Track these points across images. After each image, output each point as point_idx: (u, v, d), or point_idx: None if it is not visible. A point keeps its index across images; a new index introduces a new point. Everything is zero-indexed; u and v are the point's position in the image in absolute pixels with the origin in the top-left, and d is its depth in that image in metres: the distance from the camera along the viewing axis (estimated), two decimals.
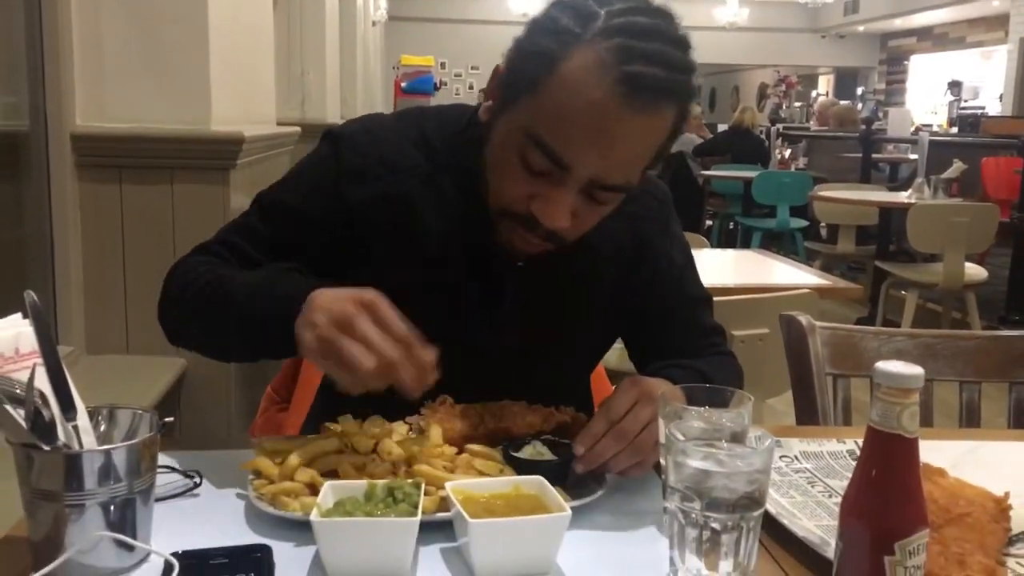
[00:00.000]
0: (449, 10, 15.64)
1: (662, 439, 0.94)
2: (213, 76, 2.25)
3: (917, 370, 0.74)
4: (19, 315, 0.86)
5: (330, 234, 1.14)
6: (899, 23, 15.31)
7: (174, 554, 0.81)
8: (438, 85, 11.29)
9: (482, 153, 1.08)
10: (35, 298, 0.86)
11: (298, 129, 3.22)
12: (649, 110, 0.95)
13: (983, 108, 12.89)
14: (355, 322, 0.88)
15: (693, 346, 1.23)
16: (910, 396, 0.72)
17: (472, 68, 15.84)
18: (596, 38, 0.95)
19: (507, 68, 1.05)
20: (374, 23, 10.59)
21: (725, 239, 7.91)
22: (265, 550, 0.84)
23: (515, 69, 1.03)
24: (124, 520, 0.82)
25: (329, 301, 0.91)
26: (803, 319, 1.44)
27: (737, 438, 0.86)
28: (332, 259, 1.14)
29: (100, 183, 2.20)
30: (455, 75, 15.92)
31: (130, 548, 0.82)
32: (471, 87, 15.83)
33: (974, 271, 4.80)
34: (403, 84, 5.63)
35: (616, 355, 3.04)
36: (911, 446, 0.72)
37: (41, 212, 2.15)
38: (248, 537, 0.89)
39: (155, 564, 0.83)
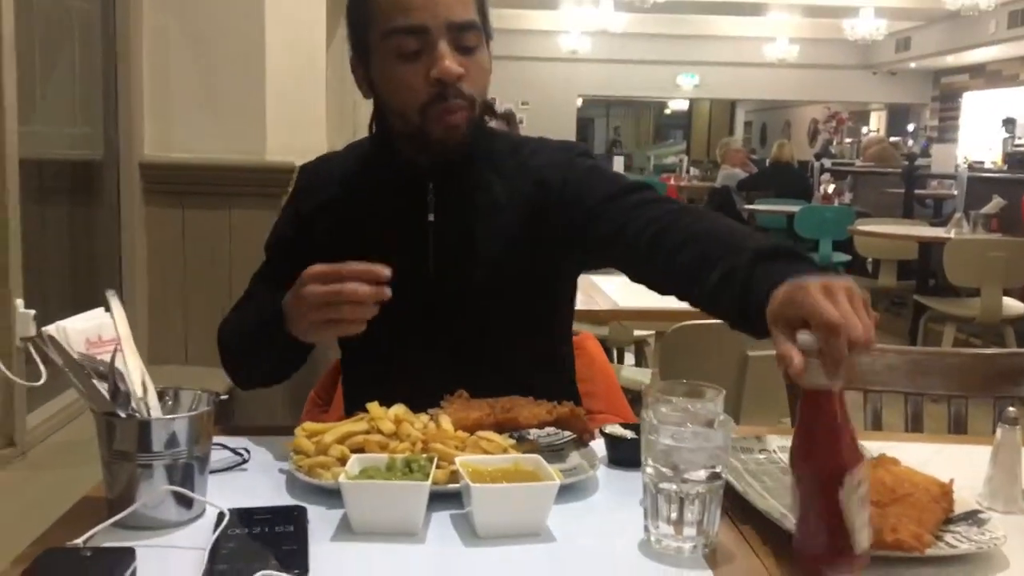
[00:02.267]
0: (501, 47, 15.74)
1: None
2: (268, 112, 2.45)
3: None
4: (101, 309, 1.04)
5: (290, 255, 1.37)
6: (951, 60, 15.24)
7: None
8: None
9: (383, 124, 1.35)
10: (116, 295, 1.03)
11: None
12: None
13: None
14: (306, 291, 1.15)
15: (635, 208, 1.29)
16: None
17: (523, 103, 16.10)
18: None
19: (352, 47, 1.34)
20: None
21: None
22: (301, 510, 0.99)
23: (353, 35, 1.33)
24: (184, 480, 0.98)
25: (292, 297, 1.20)
26: None
27: (710, 425, 1.00)
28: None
29: (165, 208, 2.41)
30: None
31: (188, 504, 0.98)
32: (521, 121, 16.07)
33: (1013, 305, 4.83)
34: None
35: (631, 370, 3.16)
36: (836, 397, 0.84)
37: (111, 234, 2.36)
38: (287, 502, 1.04)
39: (209, 520, 0.98)
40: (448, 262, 1.36)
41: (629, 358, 3.82)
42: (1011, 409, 1.11)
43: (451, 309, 1.36)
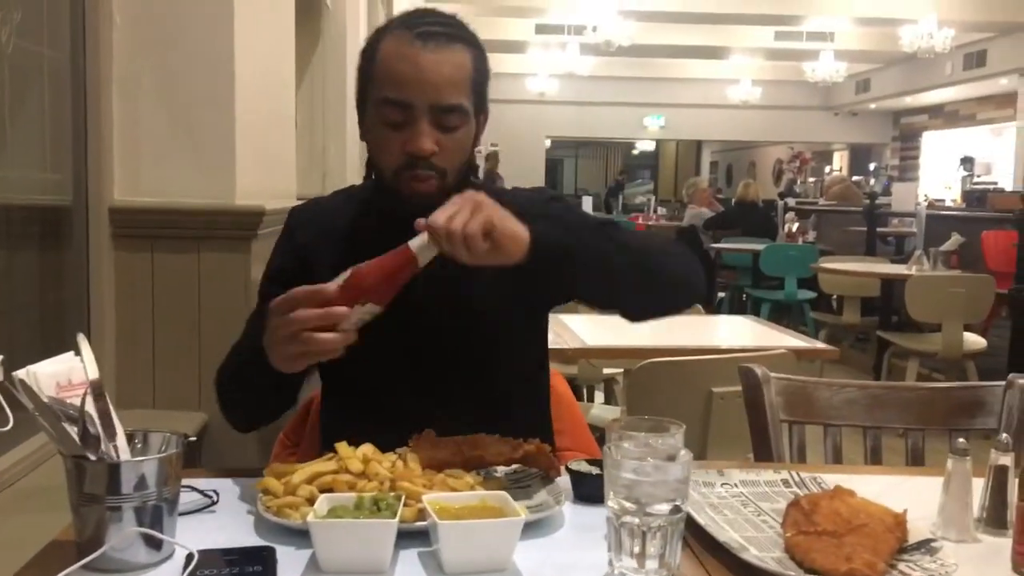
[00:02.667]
0: None
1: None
2: (238, 155, 2.47)
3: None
4: (71, 353, 1.05)
5: (292, 284, 1.35)
6: (910, 101, 15.61)
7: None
8: None
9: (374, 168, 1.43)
10: (86, 339, 1.04)
11: None
12: (443, 48, 1.34)
13: (995, 183, 13.07)
14: (269, 324, 1.20)
15: None
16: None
17: (492, 145, 16.22)
18: (391, 30, 1.37)
19: (356, 95, 1.42)
20: None
21: (736, 310, 8.06)
22: (270, 550, 1.00)
23: (358, 88, 1.41)
24: (154, 522, 0.99)
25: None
26: (758, 370, 1.60)
27: (671, 459, 1.03)
28: None
29: (134, 252, 2.41)
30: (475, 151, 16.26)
31: (158, 547, 0.99)
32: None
33: (973, 340, 4.92)
34: None
35: (600, 408, 3.19)
36: (415, 263, 1.16)
37: (80, 278, 2.35)
38: (256, 542, 1.05)
39: (177, 562, 0.99)
40: (436, 290, 1.38)
41: (599, 396, 3.84)
42: (961, 440, 1.15)
43: (439, 338, 1.41)
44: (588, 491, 1.18)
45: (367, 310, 1.16)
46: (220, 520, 1.13)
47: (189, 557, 0.96)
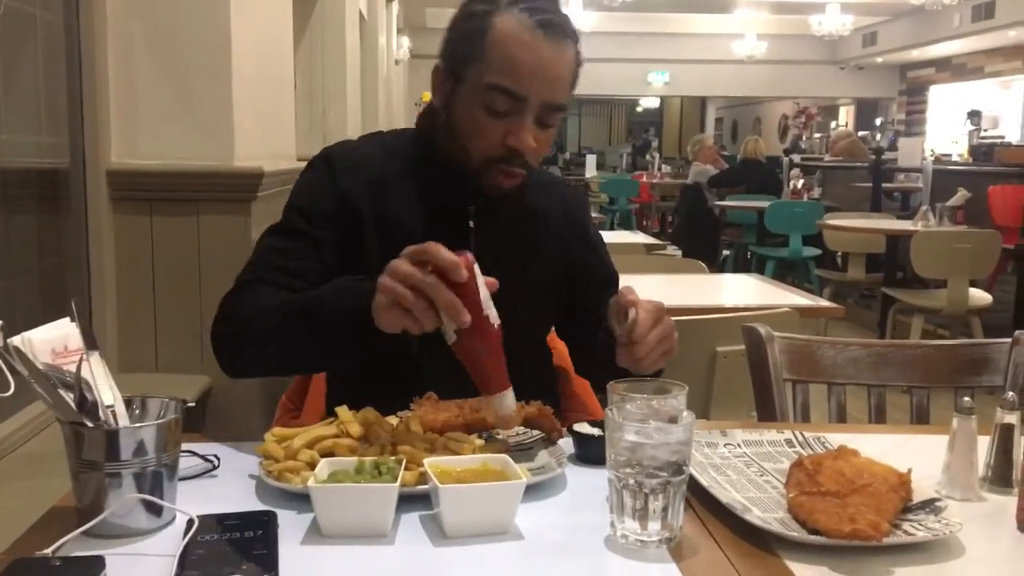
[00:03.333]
0: None
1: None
2: (236, 117, 2.45)
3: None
4: (67, 319, 1.04)
5: (335, 228, 1.37)
6: (917, 54, 15.43)
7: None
8: None
9: (440, 135, 1.37)
10: (80, 304, 1.03)
11: None
12: (561, 43, 1.30)
13: (1003, 137, 12.95)
14: (399, 268, 1.08)
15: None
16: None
17: None
18: (507, 9, 1.29)
19: (446, 58, 1.36)
20: (397, 62, 10.90)
21: (741, 268, 8.04)
22: (271, 515, 1.00)
23: (454, 54, 1.34)
24: (153, 488, 0.98)
25: (390, 267, 1.09)
26: (762, 329, 1.59)
27: (673, 421, 1.02)
28: (338, 255, 1.37)
29: (133, 215, 2.40)
30: None
31: (158, 512, 0.99)
32: None
33: (978, 296, 4.90)
34: None
35: None
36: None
37: (79, 242, 2.35)
38: (257, 507, 1.05)
39: (178, 527, 0.98)
40: (485, 266, 1.35)
41: None
42: (966, 399, 1.14)
43: None
44: (591, 453, 1.18)
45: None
46: (221, 485, 1.12)
47: (190, 522, 0.95)
